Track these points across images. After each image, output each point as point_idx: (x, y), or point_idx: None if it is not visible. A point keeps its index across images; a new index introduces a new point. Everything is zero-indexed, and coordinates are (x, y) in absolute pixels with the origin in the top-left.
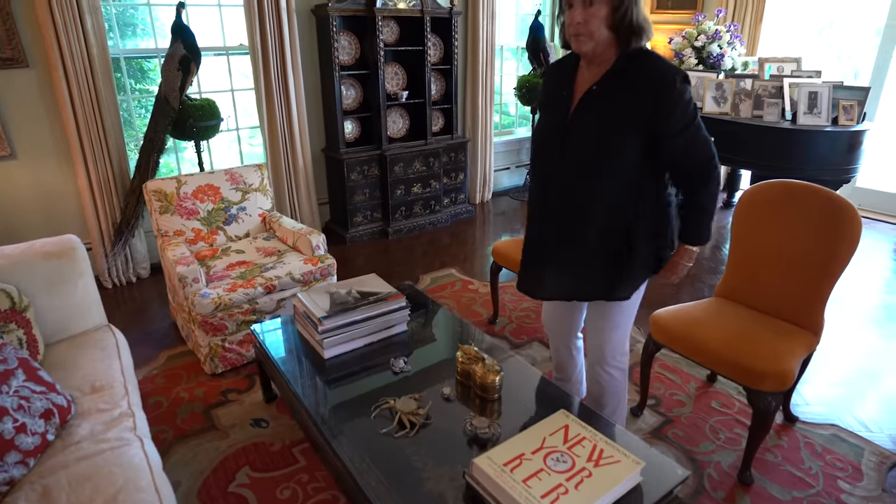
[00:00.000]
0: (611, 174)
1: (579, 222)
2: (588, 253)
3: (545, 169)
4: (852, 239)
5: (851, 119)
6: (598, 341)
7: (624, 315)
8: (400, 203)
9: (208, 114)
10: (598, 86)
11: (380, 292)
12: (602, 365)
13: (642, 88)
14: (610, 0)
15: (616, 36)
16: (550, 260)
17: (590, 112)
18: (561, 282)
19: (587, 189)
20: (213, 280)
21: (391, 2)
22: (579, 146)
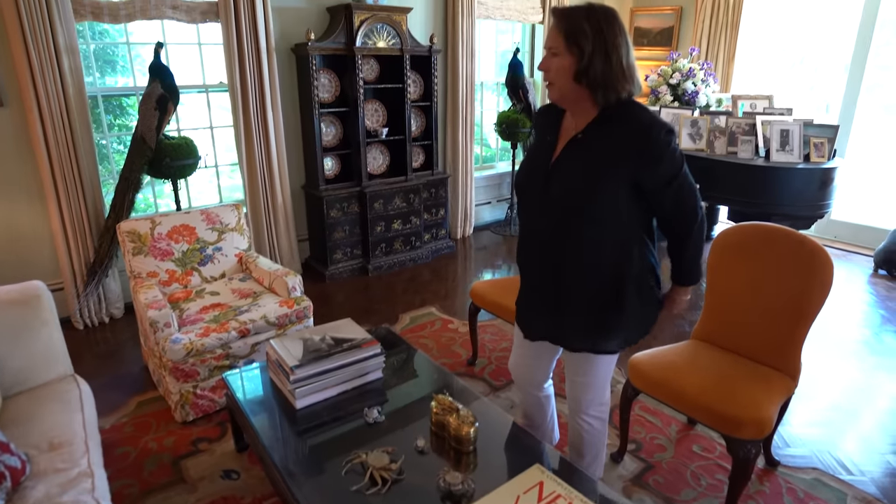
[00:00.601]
0: (593, 220)
1: (563, 266)
2: (573, 300)
3: (529, 211)
4: (824, 283)
5: (822, 156)
6: (576, 393)
7: (603, 367)
8: (380, 240)
9: (185, 152)
10: (583, 134)
11: (354, 338)
12: (581, 415)
13: (625, 140)
14: (574, 53)
15: (585, 89)
16: (537, 304)
17: (573, 159)
18: (549, 327)
19: (569, 234)
20: (186, 324)
21: (371, 41)
22: (561, 191)
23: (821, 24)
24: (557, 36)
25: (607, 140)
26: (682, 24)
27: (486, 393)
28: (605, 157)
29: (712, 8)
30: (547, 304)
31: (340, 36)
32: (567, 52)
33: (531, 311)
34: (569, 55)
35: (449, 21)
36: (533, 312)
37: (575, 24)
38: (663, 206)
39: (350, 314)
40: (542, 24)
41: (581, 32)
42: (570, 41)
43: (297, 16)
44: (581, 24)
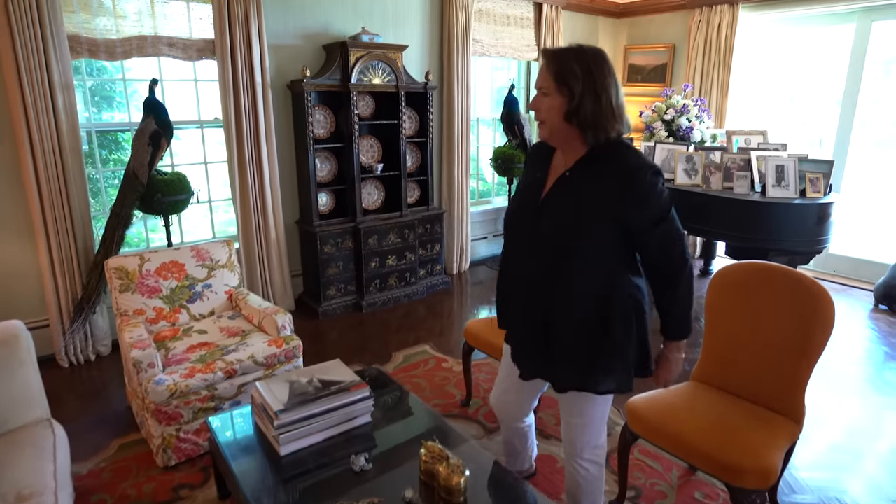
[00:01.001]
0: (582, 257)
1: (552, 306)
2: (562, 339)
3: (517, 249)
4: (826, 323)
5: (818, 191)
6: (571, 436)
7: (598, 408)
8: (374, 276)
9: (178, 188)
10: (571, 172)
11: (343, 381)
12: (576, 459)
13: (612, 180)
14: (563, 93)
15: (575, 128)
16: (528, 344)
17: (561, 196)
18: (540, 367)
19: (559, 272)
20: (171, 364)
21: (366, 78)
22: (551, 227)
23: (812, 59)
24: (548, 76)
25: (595, 179)
26: (676, 61)
27: (480, 436)
28: (593, 196)
29: (705, 45)
30: (537, 345)
31: (336, 73)
32: (557, 92)
33: (522, 351)
34: (559, 95)
35: (444, 58)
36: (524, 352)
37: (565, 64)
38: (650, 248)
39: (343, 352)
40: (538, 61)
41: (571, 73)
42: (560, 82)
43: (293, 53)
44: (571, 65)
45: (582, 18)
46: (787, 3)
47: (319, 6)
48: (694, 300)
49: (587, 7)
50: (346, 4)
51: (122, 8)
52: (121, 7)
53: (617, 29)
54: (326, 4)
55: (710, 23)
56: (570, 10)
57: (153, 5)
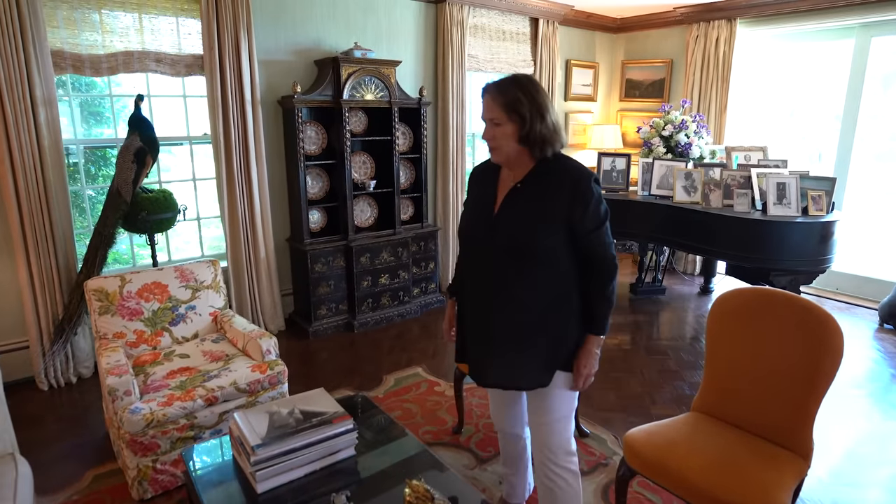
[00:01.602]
0: (538, 261)
1: (514, 307)
2: (525, 338)
3: (474, 261)
4: (835, 353)
5: (821, 209)
6: (543, 438)
7: (565, 405)
8: (367, 295)
9: (163, 206)
10: (522, 184)
11: (325, 412)
12: (550, 466)
13: (561, 186)
14: (515, 120)
15: (526, 147)
16: (486, 348)
17: (515, 206)
18: (500, 370)
19: (518, 276)
20: (150, 391)
21: (358, 93)
22: (506, 236)
23: (811, 75)
24: (496, 108)
25: (545, 188)
26: (673, 77)
27: (472, 466)
28: (544, 204)
29: (703, 61)
30: (501, 349)
31: (328, 88)
32: (509, 120)
33: (483, 360)
34: (510, 123)
35: (439, 73)
36: (485, 360)
37: (511, 95)
38: (592, 248)
39: (332, 375)
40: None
41: (518, 101)
42: (511, 110)
43: (284, 68)
44: (516, 93)
45: (578, 33)
46: (786, 18)
47: (311, 21)
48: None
49: (584, 22)
50: (339, 19)
51: (108, 23)
52: (107, 22)
53: (614, 44)
54: (318, 19)
55: (707, 38)
56: (566, 25)
57: (141, 20)
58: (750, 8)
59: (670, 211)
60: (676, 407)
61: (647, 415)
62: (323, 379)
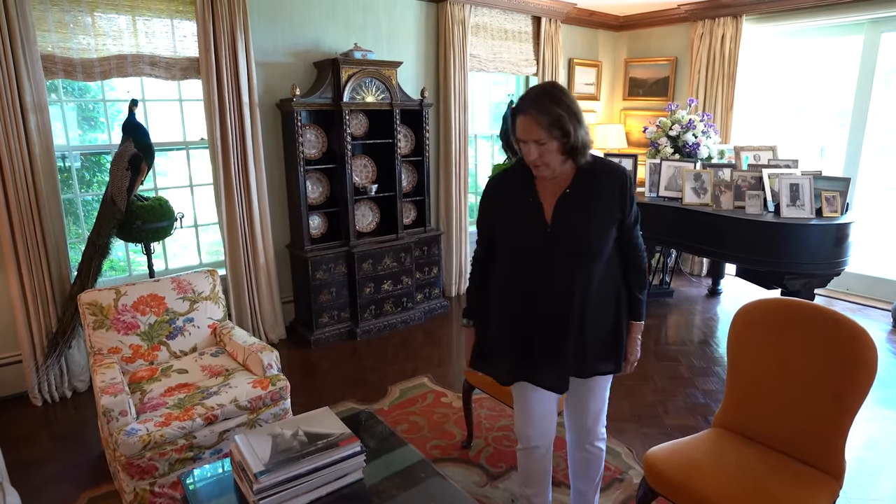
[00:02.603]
0: (601, 260)
1: (580, 306)
2: (590, 333)
3: (531, 267)
4: (869, 369)
5: (835, 210)
6: (588, 424)
7: (608, 390)
8: (369, 301)
9: (158, 215)
10: (571, 188)
11: (331, 434)
12: (593, 443)
13: (612, 186)
14: (558, 136)
15: (569, 156)
16: (552, 352)
17: (571, 211)
18: (571, 368)
19: (582, 275)
20: (147, 409)
21: (359, 96)
22: (570, 240)
23: (818, 71)
24: (538, 129)
25: (595, 190)
26: (678, 75)
27: (483, 483)
28: (600, 205)
29: (708, 58)
30: (568, 348)
31: (327, 91)
32: (551, 138)
33: (546, 363)
34: (553, 140)
35: (441, 74)
36: (548, 363)
37: (552, 113)
38: (631, 241)
39: (335, 386)
40: (537, 76)
41: (560, 118)
42: (554, 128)
43: (283, 71)
44: (555, 110)
45: (581, 32)
46: (793, 15)
47: (310, 22)
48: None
49: (587, 20)
50: (338, 20)
51: (101, 25)
52: (100, 24)
53: (617, 42)
54: (317, 20)
55: (713, 35)
56: (569, 24)
57: (134, 22)
58: (757, 4)
59: (679, 213)
60: (691, 416)
61: (661, 425)
62: (326, 390)
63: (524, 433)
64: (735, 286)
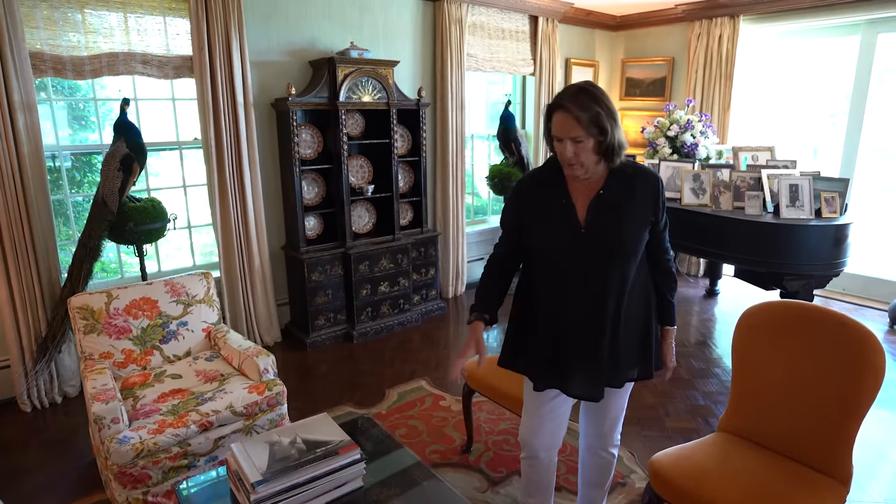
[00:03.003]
0: (634, 261)
1: (614, 310)
2: (624, 338)
3: (563, 272)
4: (877, 373)
5: (834, 211)
6: (605, 430)
7: (627, 398)
8: (366, 303)
9: (152, 216)
10: (605, 190)
11: (330, 441)
12: (608, 449)
13: (644, 188)
14: (595, 134)
15: (603, 156)
16: (585, 358)
17: (606, 213)
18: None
19: (618, 277)
20: (139, 416)
21: (355, 95)
22: (605, 242)
23: (815, 71)
24: (577, 126)
25: (628, 192)
26: (675, 75)
27: (483, 489)
28: (634, 207)
29: (705, 58)
30: (602, 352)
31: (323, 90)
32: (589, 135)
33: (578, 369)
34: (590, 138)
35: (437, 74)
36: (581, 368)
37: (591, 110)
38: (661, 244)
39: (332, 389)
40: (534, 76)
41: (599, 116)
42: (592, 126)
43: (278, 70)
44: (594, 107)
45: (578, 31)
46: (791, 15)
47: (305, 20)
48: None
49: (584, 20)
50: (334, 19)
51: (91, 22)
52: (90, 21)
53: (614, 42)
54: (313, 19)
55: (710, 35)
56: (566, 24)
57: (126, 20)
58: (754, 4)
59: (678, 213)
60: (692, 419)
61: (663, 428)
62: (322, 394)
63: (529, 443)
64: (733, 287)
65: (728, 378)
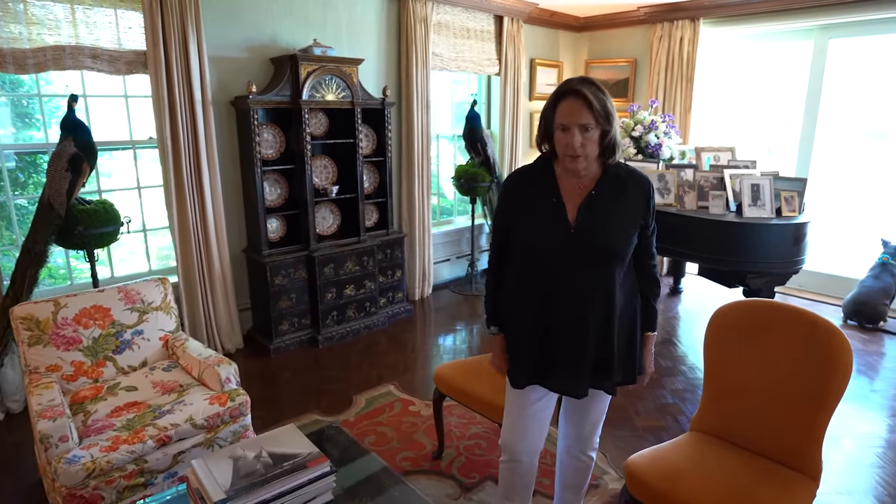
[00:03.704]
0: (622, 262)
1: (601, 311)
2: (611, 341)
3: (552, 270)
4: (844, 371)
5: (794, 210)
6: (585, 433)
7: (608, 402)
8: (331, 307)
9: (103, 219)
10: (597, 190)
11: (298, 454)
12: (587, 452)
13: (637, 190)
14: (603, 123)
15: (600, 153)
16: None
17: (597, 213)
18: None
19: (606, 279)
20: (91, 433)
21: (319, 94)
22: (594, 242)
23: (772, 74)
24: (588, 113)
25: (620, 193)
26: (638, 76)
27: (456, 496)
28: (625, 209)
29: (667, 60)
30: (598, 358)
31: (285, 88)
32: (597, 125)
33: (563, 368)
34: (598, 128)
35: (403, 72)
36: (566, 367)
37: (602, 99)
38: (648, 251)
39: (298, 397)
40: (499, 76)
41: (607, 105)
42: (602, 112)
43: (238, 66)
44: (603, 98)
45: (543, 32)
46: (748, 19)
47: (266, 16)
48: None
49: (548, 21)
50: (296, 15)
51: (35, 14)
52: (34, 13)
53: (578, 43)
54: (274, 14)
55: (671, 38)
56: (531, 24)
57: (73, 12)
58: (713, 8)
59: None
60: (661, 417)
61: (633, 427)
62: (287, 402)
63: (512, 446)
64: (696, 285)
65: (694, 375)
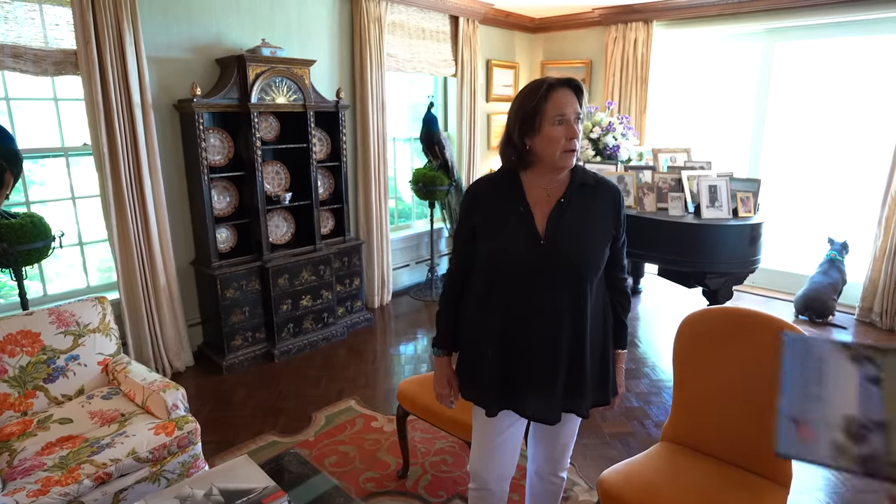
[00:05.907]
0: (593, 276)
1: (576, 326)
2: (583, 360)
3: (521, 282)
4: None
5: (749, 210)
6: (557, 456)
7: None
8: (287, 319)
9: (31, 234)
10: (565, 198)
11: (252, 489)
12: (557, 475)
13: (606, 199)
14: (582, 118)
15: None
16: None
17: (568, 222)
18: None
19: (577, 291)
20: (17, 475)
21: (269, 96)
22: (566, 253)
23: (724, 76)
24: (578, 103)
25: (590, 202)
26: (593, 77)
27: None
28: (597, 218)
29: (622, 62)
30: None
31: (233, 91)
32: (582, 116)
33: (534, 391)
34: (581, 119)
35: (357, 74)
36: (537, 390)
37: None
38: (619, 263)
39: (253, 417)
40: (456, 77)
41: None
42: (582, 106)
43: (180, 67)
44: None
45: (498, 33)
46: (699, 22)
47: (210, 13)
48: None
49: (503, 21)
50: (243, 13)
51: None
52: None
53: (533, 44)
54: (219, 12)
55: (626, 39)
56: (486, 25)
57: None
58: (666, 11)
59: None
60: (627, 422)
61: (600, 434)
62: (242, 424)
63: (480, 475)
64: (655, 285)
65: (658, 377)
